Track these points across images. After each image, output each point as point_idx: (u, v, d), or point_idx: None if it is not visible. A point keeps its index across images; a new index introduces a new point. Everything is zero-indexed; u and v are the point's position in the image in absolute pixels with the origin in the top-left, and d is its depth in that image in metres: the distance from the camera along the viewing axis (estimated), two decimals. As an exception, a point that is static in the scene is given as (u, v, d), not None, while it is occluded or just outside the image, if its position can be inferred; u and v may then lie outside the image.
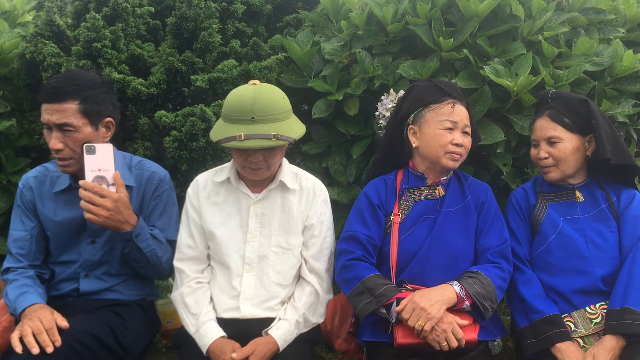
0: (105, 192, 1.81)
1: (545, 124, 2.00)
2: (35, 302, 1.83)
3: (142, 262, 1.96)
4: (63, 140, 1.86)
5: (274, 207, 1.98)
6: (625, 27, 2.72)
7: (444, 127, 1.93)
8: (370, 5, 2.60)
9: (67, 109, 1.84)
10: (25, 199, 2.01)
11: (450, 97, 1.96)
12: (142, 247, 1.91)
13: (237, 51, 2.93)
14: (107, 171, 1.85)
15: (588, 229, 1.97)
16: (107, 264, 2.02)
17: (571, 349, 1.82)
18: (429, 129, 1.96)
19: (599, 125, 1.93)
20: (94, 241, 2.00)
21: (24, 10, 3.47)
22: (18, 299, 1.86)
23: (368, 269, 1.91)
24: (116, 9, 2.82)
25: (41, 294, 1.91)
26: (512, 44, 2.47)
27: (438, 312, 1.75)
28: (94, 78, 1.95)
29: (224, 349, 1.82)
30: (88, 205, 1.80)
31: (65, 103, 1.84)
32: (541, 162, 2.01)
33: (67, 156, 1.88)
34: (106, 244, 2.00)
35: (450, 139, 1.92)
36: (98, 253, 2.00)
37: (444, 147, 1.93)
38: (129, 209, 1.87)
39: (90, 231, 1.99)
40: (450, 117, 1.93)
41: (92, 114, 1.88)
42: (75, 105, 1.85)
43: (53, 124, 1.85)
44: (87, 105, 1.87)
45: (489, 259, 1.94)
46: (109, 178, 1.85)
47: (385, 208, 2.02)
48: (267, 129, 1.77)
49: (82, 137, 1.87)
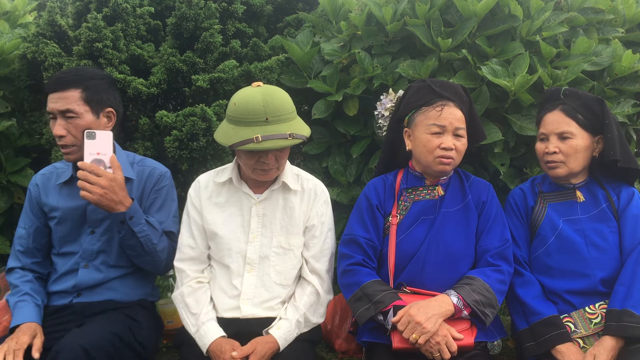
0: (101, 171, 1.89)
1: (559, 118, 1.96)
2: (22, 322, 1.90)
3: (137, 249, 1.99)
4: (66, 127, 1.95)
5: (276, 208, 1.98)
6: (625, 27, 2.72)
7: (431, 131, 1.90)
8: (369, 6, 2.61)
9: (69, 96, 1.94)
10: (30, 196, 2.11)
11: (441, 99, 1.92)
12: (136, 231, 1.95)
13: (237, 51, 2.94)
14: (105, 155, 1.93)
15: (588, 230, 1.96)
16: (105, 254, 2.06)
17: (571, 350, 1.83)
18: (419, 133, 1.94)
19: (612, 126, 1.92)
20: (93, 231, 2.05)
21: (25, 10, 3.48)
22: (16, 307, 1.96)
23: (368, 275, 1.92)
24: (116, 10, 2.83)
25: (38, 303, 1.99)
26: (511, 44, 2.48)
27: (433, 326, 1.75)
28: (97, 71, 2.06)
29: (223, 349, 1.82)
30: (84, 183, 1.88)
31: (68, 91, 1.94)
32: (549, 157, 1.97)
33: (69, 143, 1.96)
34: (104, 234, 2.05)
35: (437, 143, 1.89)
36: (97, 243, 2.05)
37: (432, 152, 1.90)
38: (123, 190, 1.93)
39: (90, 222, 2.04)
40: (437, 121, 1.90)
41: (93, 102, 1.97)
42: (78, 93, 1.95)
43: (57, 111, 1.94)
44: (89, 93, 1.96)
45: (488, 262, 1.93)
46: (106, 161, 1.93)
47: (384, 209, 2.02)
48: (282, 129, 1.80)
49: (84, 124, 1.96)
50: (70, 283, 2.04)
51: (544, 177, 2.11)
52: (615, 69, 2.49)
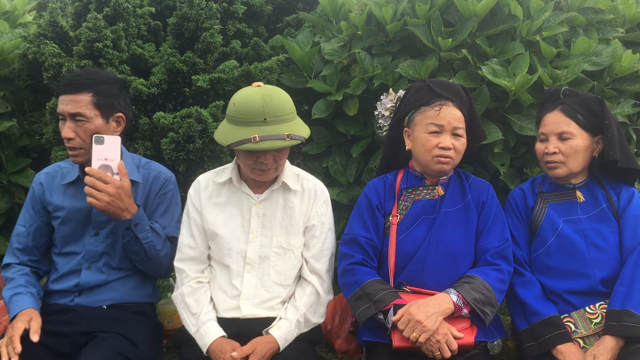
0: (108, 178, 1.90)
1: (559, 119, 1.97)
2: (20, 310, 1.90)
3: (141, 255, 1.99)
4: (75, 129, 1.95)
5: (276, 208, 1.99)
6: (625, 27, 2.72)
7: (429, 131, 1.91)
8: (369, 6, 2.61)
9: (80, 99, 1.94)
10: (33, 194, 2.10)
11: (440, 99, 1.93)
12: (140, 238, 1.96)
13: (237, 51, 2.94)
14: (112, 161, 1.94)
15: (588, 230, 1.96)
16: (108, 255, 2.06)
17: (571, 350, 1.83)
18: (417, 133, 1.95)
19: (611, 126, 1.93)
20: (97, 233, 2.05)
21: (25, 10, 3.48)
22: (11, 301, 1.96)
23: (368, 274, 1.92)
24: (117, 9, 2.83)
25: (33, 293, 1.99)
26: (511, 44, 2.48)
27: (434, 324, 1.75)
28: (109, 75, 2.06)
29: (224, 349, 1.83)
30: (91, 189, 1.88)
31: (79, 94, 1.94)
32: (549, 157, 1.98)
33: (77, 145, 1.97)
34: (109, 236, 2.05)
35: (435, 143, 1.90)
36: (101, 245, 2.05)
37: (430, 151, 1.91)
38: (130, 198, 1.94)
39: (95, 223, 2.04)
40: (435, 121, 1.91)
41: (104, 106, 1.98)
42: (89, 97, 1.95)
43: (67, 114, 1.95)
44: (100, 98, 1.97)
45: (488, 261, 1.93)
46: (114, 167, 1.94)
47: (384, 208, 2.02)
48: (280, 130, 1.80)
49: (93, 128, 1.96)
50: (72, 283, 2.04)
51: (544, 177, 2.11)
52: (615, 69, 2.49)
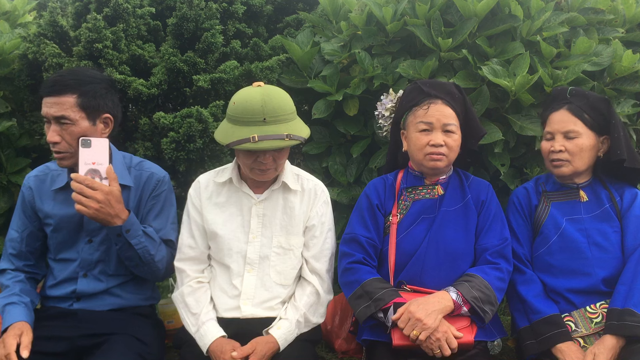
0: (96, 184, 1.81)
1: (565, 117, 1.98)
2: (12, 322, 1.85)
3: (135, 260, 1.94)
4: (60, 133, 1.87)
5: (276, 208, 1.99)
6: (625, 27, 2.72)
7: (419, 129, 1.94)
8: (369, 6, 2.61)
9: (64, 102, 1.85)
10: (24, 199, 2.04)
11: (429, 98, 1.95)
12: (133, 243, 1.90)
13: (237, 51, 2.94)
14: (101, 165, 1.85)
15: (591, 229, 1.97)
16: (104, 263, 2.01)
17: (572, 349, 1.83)
18: (410, 133, 1.99)
19: (617, 126, 1.94)
20: (91, 240, 2.00)
21: (25, 10, 3.47)
22: (4, 310, 1.90)
23: (368, 273, 1.92)
24: (117, 10, 2.83)
25: (27, 303, 1.93)
26: (511, 44, 2.48)
27: (434, 322, 1.76)
28: (95, 74, 1.95)
29: (224, 349, 1.82)
30: (79, 196, 1.80)
31: (63, 96, 1.86)
32: (554, 156, 1.98)
33: (63, 149, 1.89)
34: (103, 243, 2.00)
35: (426, 141, 1.93)
36: (95, 252, 2.00)
37: (422, 149, 1.94)
38: (120, 203, 1.86)
39: (87, 230, 1.99)
40: (424, 119, 1.93)
41: (89, 108, 1.89)
42: (73, 99, 1.86)
43: (51, 117, 1.86)
44: (85, 100, 1.87)
45: (487, 260, 1.94)
46: (102, 171, 1.85)
47: (384, 208, 2.03)
48: (279, 130, 1.80)
49: (79, 131, 1.88)
50: (69, 290, 2.00)
51: (548, 177, 2.12)
52: (615, 69, 2.49)
